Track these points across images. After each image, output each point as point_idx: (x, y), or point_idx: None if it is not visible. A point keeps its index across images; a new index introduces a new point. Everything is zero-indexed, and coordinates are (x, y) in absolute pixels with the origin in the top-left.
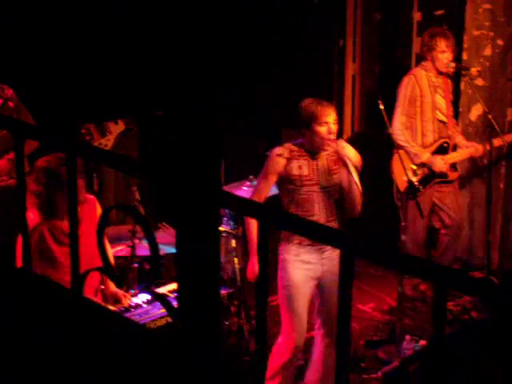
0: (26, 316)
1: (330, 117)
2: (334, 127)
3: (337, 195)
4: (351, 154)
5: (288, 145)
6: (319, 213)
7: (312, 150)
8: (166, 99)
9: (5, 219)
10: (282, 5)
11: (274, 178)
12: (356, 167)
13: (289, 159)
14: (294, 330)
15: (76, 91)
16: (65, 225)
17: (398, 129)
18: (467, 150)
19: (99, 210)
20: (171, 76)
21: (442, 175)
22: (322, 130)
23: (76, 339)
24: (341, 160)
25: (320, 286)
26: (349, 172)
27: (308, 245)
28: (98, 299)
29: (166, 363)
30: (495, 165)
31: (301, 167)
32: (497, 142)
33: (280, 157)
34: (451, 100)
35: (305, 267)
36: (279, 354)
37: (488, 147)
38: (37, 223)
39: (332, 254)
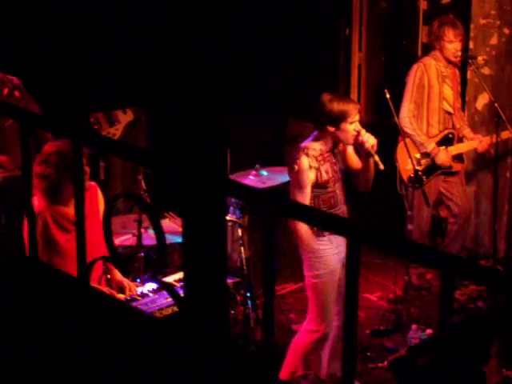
0: (33, 305)
1: (358, 115)
2: (359, 124)
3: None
4: (373, 142)
5: (309, 151)
6: (340, 202)
7: (327, 147)
8: (173, 88)
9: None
10: None
11: (309, 188)
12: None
13: (317, 168)
14: (325, 318)
15: (85, 80)
16: (69, 211)
17: (406, 116)
18: (471, 142)
19: (101, 197)
20: (177, 66)
21: (445, 167)
22: (351, 128)
23: (83, 327)
24: (363, 151)
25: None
26: (371, 156)
27: None
28: (103, 287)
29: (173, 352)
30: (502, 154)
31: (327, 171)
32: (504, 134)
33: (311, 169)
34: (459, 91)
35: (337, 251)
36: (307, 342)
37: (494, 140)
38: (40, 210)
39: None
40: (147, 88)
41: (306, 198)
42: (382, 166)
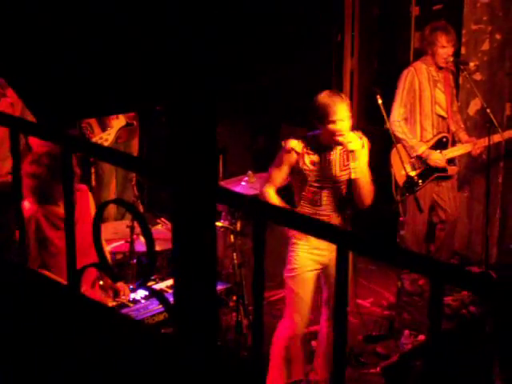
0: (22, 312)
1: (341, 114)
2: (345, 125)
3: (345, 189)
4: (352, 147)
5: (303, 137)
6: (326, 206)
7: (326, 144)
8: (165, 94)
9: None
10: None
11: (286, 169)
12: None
13: (301, 154)
14: (294, 319)
15: (76, 85)
16: (60, 210)
17: (396, 120)
18: (465, 145)
19: (92, 201)
20: (170, 71)
21: (441, 170)
22: (333, 127)
23: (71, 335)
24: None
25: (326, 273)
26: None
27: None
28: (96, 291)
29: (163, 360)
30: (494, 159)
31: (313, 162)
32: (496, 137)
33: (292, 151)
34: (454, 95)
35: (312, 252)
36: (281, 339)
37: (487, 143)
38: (32, 212)
39: None
40: (139, 93)
41: (278, 175)
42: (353, 175)
